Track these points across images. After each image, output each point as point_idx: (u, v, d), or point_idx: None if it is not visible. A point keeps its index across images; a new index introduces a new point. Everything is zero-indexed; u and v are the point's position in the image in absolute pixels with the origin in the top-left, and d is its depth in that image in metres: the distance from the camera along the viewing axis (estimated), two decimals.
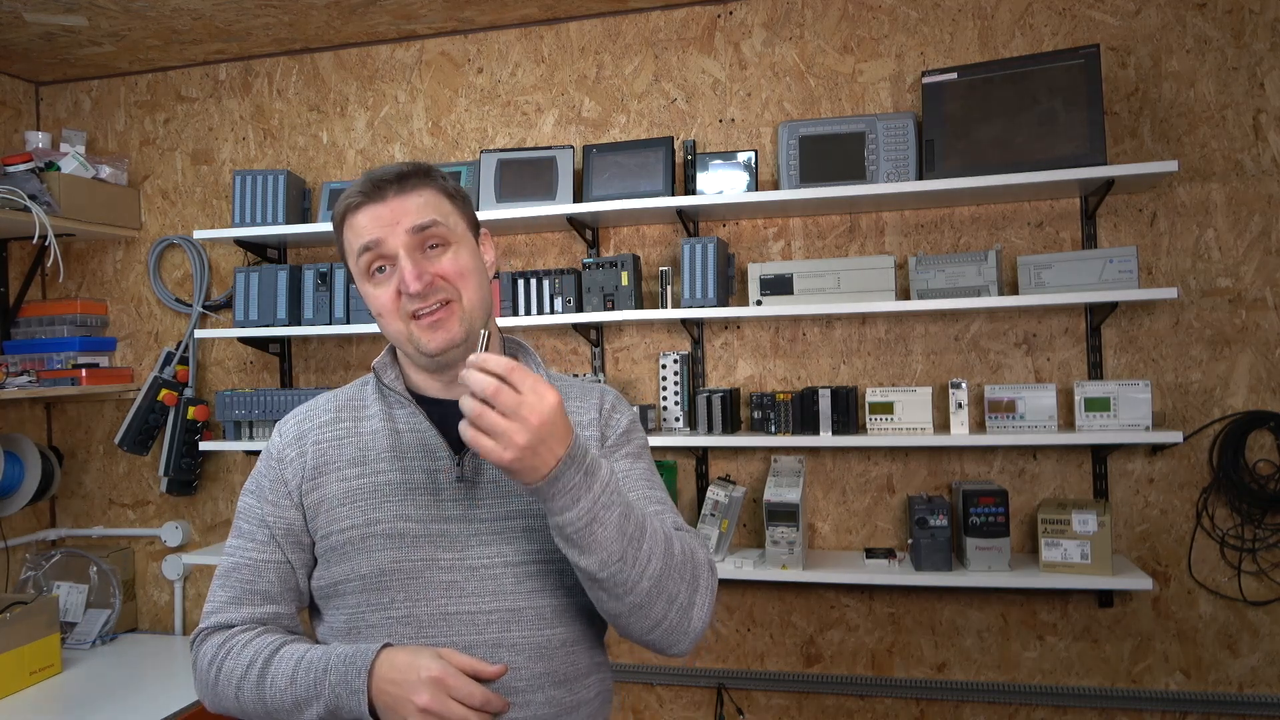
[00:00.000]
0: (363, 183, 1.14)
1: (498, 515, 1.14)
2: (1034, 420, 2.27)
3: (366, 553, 1.13)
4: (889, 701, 2.48)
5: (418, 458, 1.16)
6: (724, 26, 2.60)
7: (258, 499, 1.20)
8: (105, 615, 2.80)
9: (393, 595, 1.12)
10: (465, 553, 1.13)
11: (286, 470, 1.19)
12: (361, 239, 1.12)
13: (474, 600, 1.12)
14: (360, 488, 1.16)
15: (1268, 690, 2.26)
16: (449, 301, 1.12)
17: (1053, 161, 2.20)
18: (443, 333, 1.12)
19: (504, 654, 1.11)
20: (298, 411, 1.26)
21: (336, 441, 1.19)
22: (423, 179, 1.15)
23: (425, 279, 1.10)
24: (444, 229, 1.13)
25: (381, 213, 1.12)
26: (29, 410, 3.02)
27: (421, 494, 1.14)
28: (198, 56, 2.92)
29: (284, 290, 2.65)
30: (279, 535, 1.18)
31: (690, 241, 2.40)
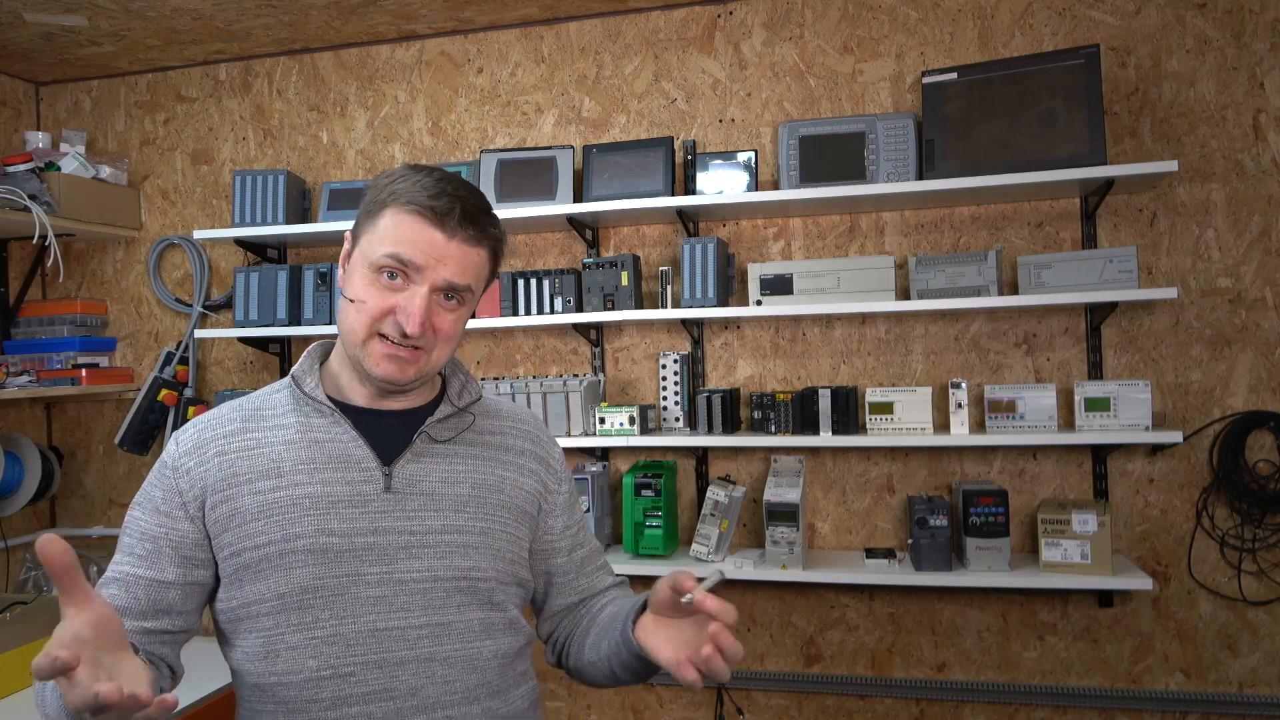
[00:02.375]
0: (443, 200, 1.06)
1: (431, 529, 1.11)
2: (1034, 420, 2.27)
3: (285, 570, 1.06)
4: (889, 701, 2.48)
5: (339, 469, 1.11)
6: (724, 26, 2.60)
7: (143, 511, 1.11)
8: None
9: (316, 614, 1.06)
10: (394, 566, 1.09)
11: (183, 481, 1.11)
12: (402, 251, 1.05)
13: (403, 615, 1.08)
14: (276, 501, 1.08)
15: (1268, 690, 2.26)
16: (420, 350, 1.09)
17: (1053, 161, 2.20)
18: (395, 369, 1.08)
19: (436, 668, 1.09)
20: (198, 420, 1.17)
21: (246, 452, 1.11)
22: (490, 238, 1.11)
23: (425, 328, 1.07)
24: (469, 295, 1.11)
25: (437, 244, 1.06)
26: (29, 410, 3.02)
27: (345, 506, 1.09)
28: (198, 56, 2.92)
29: (284, 290, 2.65)
30: (165, 549, 1.09)
31: (690, 241, 2.40)
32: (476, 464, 1.18)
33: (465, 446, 1.19)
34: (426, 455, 1.15)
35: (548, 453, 1.27)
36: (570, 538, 1.27)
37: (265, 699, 1.10)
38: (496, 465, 1.19)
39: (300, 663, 1.07)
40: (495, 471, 1.19)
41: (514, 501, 1.19)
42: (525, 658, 1.24)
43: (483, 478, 1.17)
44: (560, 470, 1.28)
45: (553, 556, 1.26)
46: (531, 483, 1.22)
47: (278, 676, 1.08)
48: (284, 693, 1.08)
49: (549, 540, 1.25)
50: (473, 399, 1.21)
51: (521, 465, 1.22)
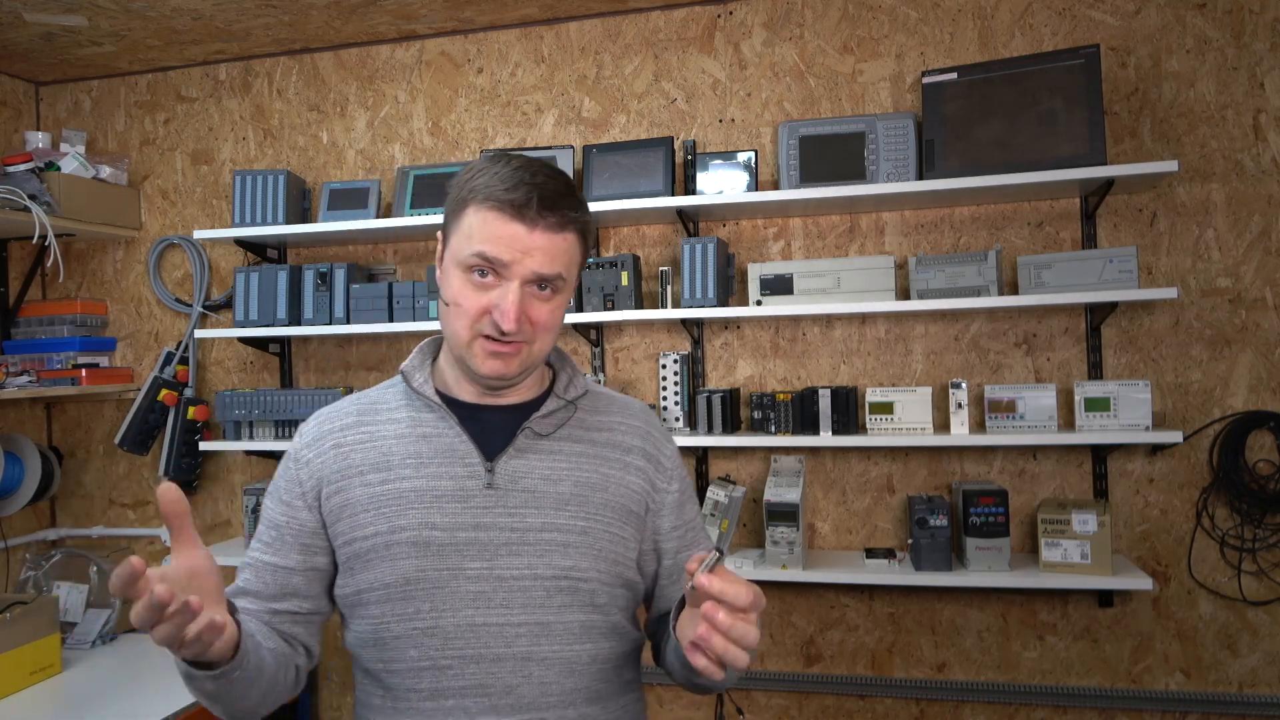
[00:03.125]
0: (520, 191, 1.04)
1: (531, 526, 1.11)
2: (1034, 420, 2.27)
3: (390, 561, 1.10)
4: (889, 701, 2.47)
5: (445, 463, 1.12)
6: (724, 26, 2.60)
7: (273, 500, 1.18)
8: (105, 615, 2.80)
9: (418, 605, 1.09)
10: (494, 562, 1.09)
11: (303, 472, 1.16)
12: (487, 248, 1.05)
13: (502, 612, 1.09)
14: (384, 494, 1.12)
15: (1268, 690, 2.26)
16: (522, 344, 1.08)
17: (1053, 161, 2.20)
18: (500, 364, 1.08)
19: (533, 668, 1.09)
20: (320, 413, 1.22)
21: (358, 446, 1.16)
22: (575, 224, 1.09)
23: (521, 322, 1.05)
24: (561, 283, 1.09)
25: (520, 237, 1.04)
26: (29, 410, 3.02)
27: (449, 501, 1.11)
28: (198, 56, 2.92)
29: (284, 290, 2.65)
30: (288, 537, 1.15)
31: (690, 241, 2.40)
32: (581, 461, 1.16)
33: (571, 443, 1.17)
34: (530, 451, 1.14)
35: (659, 449, 1.23)
36: (677, 539, 1.22)
37: (374, 684, 1.14)
38: (602, 463, 1.17)
39: (403, 652, 1.09)
40: (600, 469, 1.16)
41: (619, 501, 1.16)
42: (631, 665, 1.21)
43: (587, 475, 1.15)
44: (671, 468, 1.23)
45: (660, 558, 1.22)
46: (639, 481, 1.19)
47: (384, 664, 1.11)
48: (389, 679, 1.11)
49: (656, 540, 1.21)
50: (579, 393, 1.19)
51: (629, 463, 1.19)
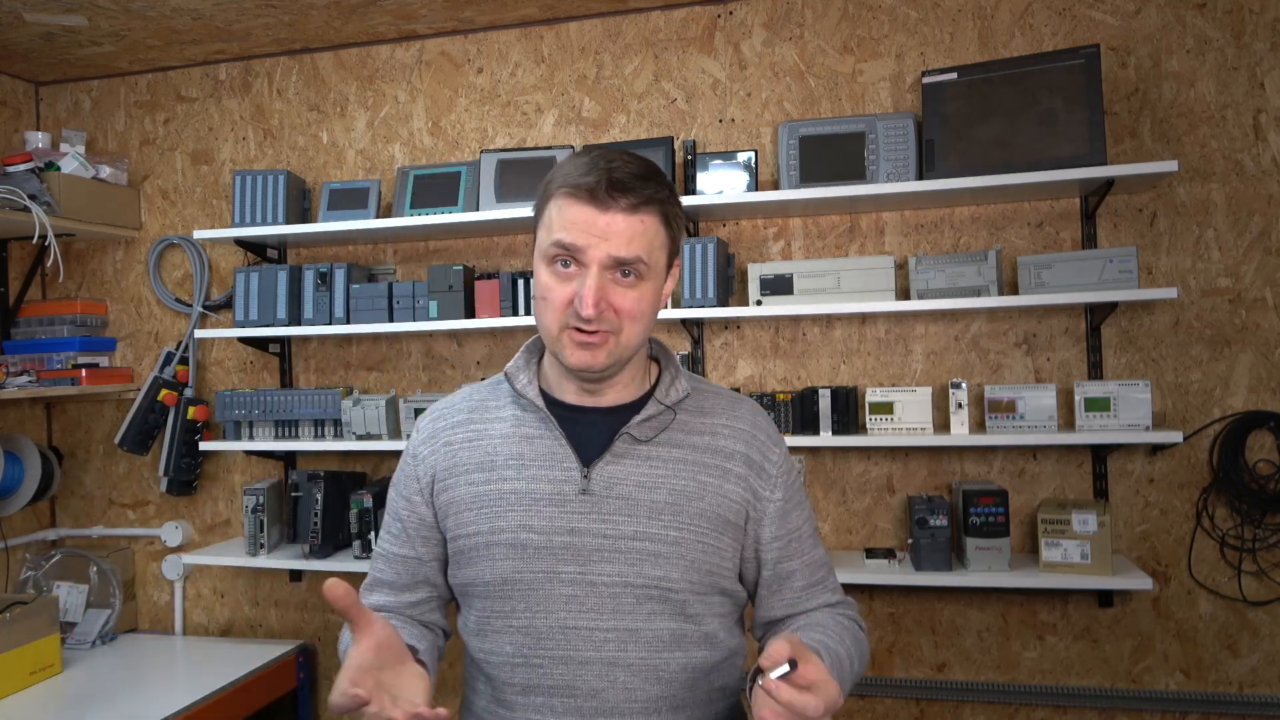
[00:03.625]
0: (593, 174, 1.04)
1: (624, 534, 1.10)
2: (1034, 420, 2.27)
3: (490, 560, 1.13)
4: (889, 701, 2.47)
5: (544, 466, 1.13)
6: (724, 26, 2.60)
7: (396, 493, 1.23)
8: (105, 615, 2.80)
9: (514, 604, 1.12)
10: (587, 567, 1.10)
11: (419, 468, 1.20)
12: (563, 235, 1.05)
13: (593, 616, 1.10)
14: (486, 494, 1.14)
15: (1268, 690, 2.26)
16: (608, 333, 1.07)
17: (1053, 161, 2.20)
18: (587, 355, 1.07)
19: (619, 673, 1.09)
20: (435, 408, 1.25)
21: (466, 444, 1.18)
22: (654, 204, 1.07)
23: (601, 307, 1.04)
24: (643, 266, 1.06)
25: (596, 222, 1.04)
26: (29, 410, 3.02)
27: (545, 505, 1.11)
28: (198, 56, 2.92)
29: (284, 290, 2.65)
30: (411, 530, 1.20)
31: (690, 241, 2.40)
32: (678, 468, 1.14)
33: (670, 448, 1.15)
34: (627, 457, 1.13)
35: (764, 456, 1.18)
36: (778, 549, 1.18)
37: (477, 672, 1.19)
38: (700, 470, 1.14)
39: (500, 646, 1.13)
40: (697, 477, 1.14)
41: (714, 510, 1.13)
42: (727, 673, 1.19)
43: (683, 484, 1.13)
44: (776, 475, 1.18)
45: (760, 568, 1.19)
46: (739, 490, 1.15)
47: (484, 654, 1.16)
48: (488, 669, 1.16)
49: (757, 549, 1.18)
50: (679, 397, 1.16)
51: (729, 470, 1.15)
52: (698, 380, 1.24)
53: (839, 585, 1.25)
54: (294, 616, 2.90)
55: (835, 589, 1.24)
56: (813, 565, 1.21)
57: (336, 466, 2.83)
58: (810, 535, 1.22)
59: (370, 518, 2.53)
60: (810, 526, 1.23)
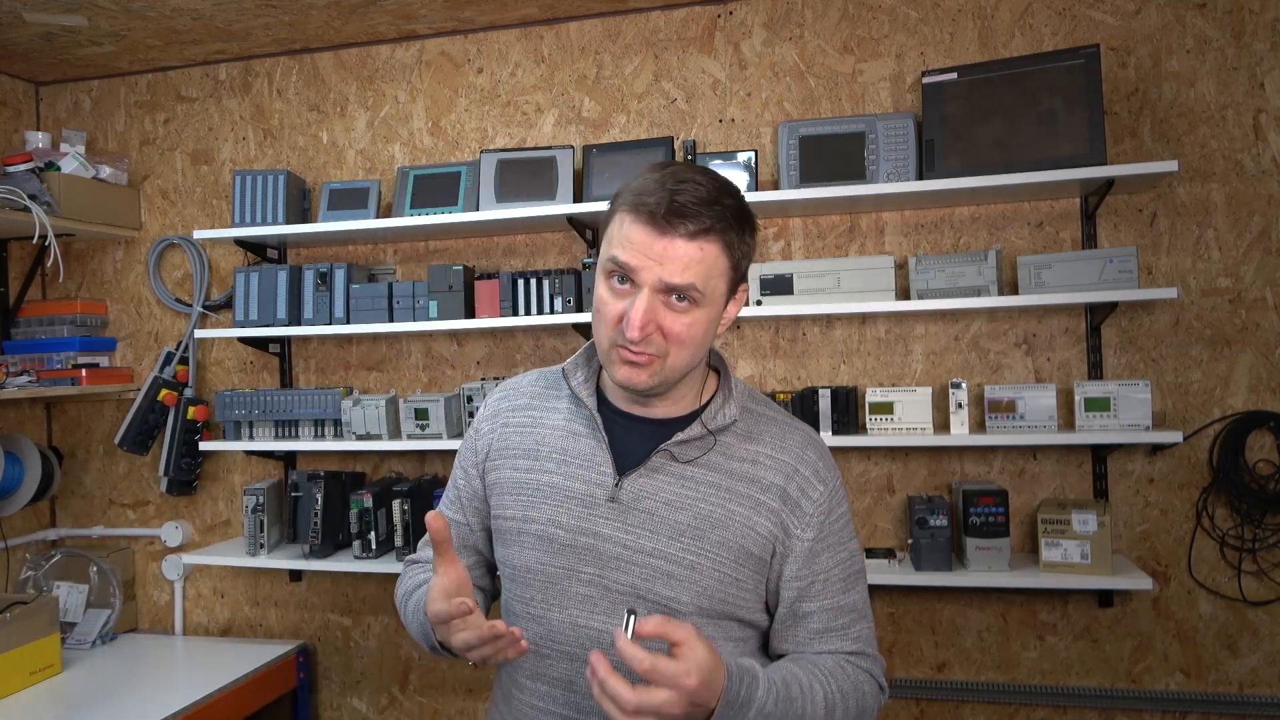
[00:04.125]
0: (656, 195, 1.03)
1: (643, 549, 1.11)
2: (1034, 420, 2.27)
3: (520, 546, 1.17)
4: (889, 702, 2.47)
5: (583, 466, 1.16)
6: (724, 26, 2.60)
7: (459, 461, 1.29)
8: (105, 615, 2.80)
9: (533, 593, 1.16)
10: (605, 572, 1.12)
11: (479, 441, 1.26)
12: (620, 253, 1.05)
13: (604, 619, 1.11)
14: (526, 482, 1.18)
15: (1268, 690, 2.26)
16: (654, 357, 1.07)
17: (1053, 161, 2.20)
18: (630, 373, 1.08)
19: (629, 679, 1.06)
20: (505, 386, 1.31)
21: (520, 429, 1.23)
22: (716, 233, 1.04)
23: (648, 330, 1.04)
24: (698, 295, 1.05)
25: (654, 246, 1.03)
26: (29, 410, 3.02)
27: (576, 504, 1.14)
28: (198, 56, 2.92)
29: (284, 290, 2.65)
30: (465, 498, 1.27)
31: None
32: (709, 491, 1.12)
33: (706, 470, 1.13)
34: (661, 472, 1.13)
35: (802, 492, 1.14)
36: (797, 589, 1.14)
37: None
38: (731, 498, 1.12)
39: (519, 627, 1.12)
40: (726, 505, 1.12)
41: (737, 540, 1.11)
42: None
43: (710, 509, 1.11)
44: (812, 514, 1.14)
45: (776, 604, 1.16)
46: (768, 524, 1.13)
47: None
48: None
49: (776, 584, 1.15)
50: (725, 423, 1.15)
51: (761, 502, 1.13)
52: (757, 401, 1.21)
53: (871, 638, 1.18)
54: (294, 616, 2.90)
55: (860, 640, 1.16)
56: (836, 611, 1.15)
57: (336, 466, 2.83)
58: (840, 580, 1.16)
59: (370, 518, 2.53)
60: (843, 571, 1.16)
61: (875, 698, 1.14)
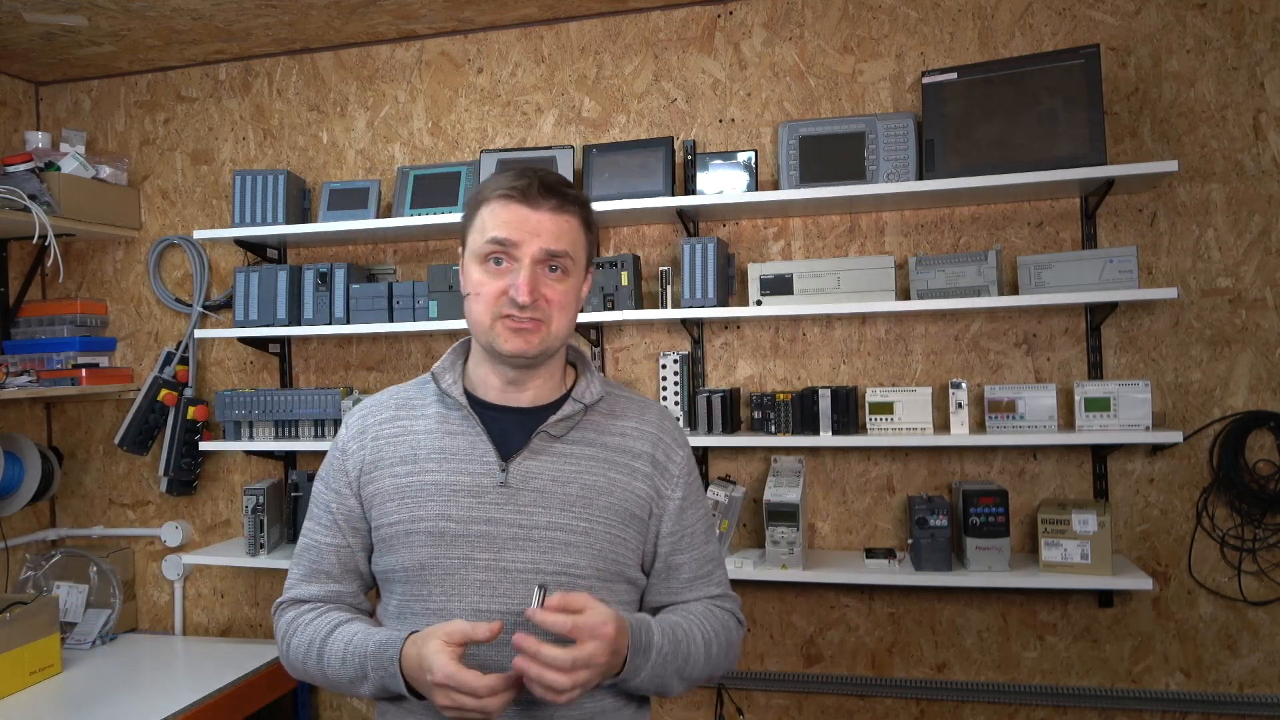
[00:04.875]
0: (524, 179, 1.17)
1: (537, 524, 1.19)
2: (1034, 420, 2.27)
3: (409, 547, 1.20)
4: (889, 701, 2.48)
5: (465, 460, 1.21)
6: (724, 26, 2.60)
7: (324, 486, 1.29)
8: (105, 615, 2.80)
9: (430, 589, 1.19)
10: (501, 554, 1.18)
11: (348, 461, 1.27)
12: (499, 232, 1.16)
13: (504, 600, 1.17)
14: (408, 485, 1.22)
15: (1268, 690, 2.26)
16: (539, 321, 1.17)
17: (1053, 161, 2.20)
18: (521, 342, 1.17)
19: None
20: (364, 405, 1.33)
21: (392, 439, 1.26)
22: (576, 206, 1.20)
23: (535, 296, 1.15)
24: (569, 261, 1.19)
25: (529, 218, 1.16)
26: (29, 410, 3.02)
27: (464, 496, 1.20)
28: (198, 56, 2.92)
29: (284, 290, 2.65)
30: (340, 520, 1.27)
31: (690, 241, 2.40)
32: (590, 465, 1.24)
33: (583, 447, 1.25)
34: (544, 453, 1.23)
35: (668, 456, 1.29)
36: (671, 543, 1.29)
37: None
38: (610, 467, 1.24)
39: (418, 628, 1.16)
40: (607, 474, 1.24)
41: (622, 504, 1.23)
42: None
43: (594, 479, 1.23)
44: (678, 474, 1.30)
45: (655, 559, 1.30)
46: (644, 487, 1.26)
47: None
48: None
49: (654, 542, 1.29)
50: (594, 398, 1.26)
51: (636, 469, 1.26)
52: (612, 385, 1.34)
53: (726, 581, 1.36)
54: None
55: (720, 583, 1.34)
56: (701, 560, 1.31)
57: None
58: (703, 532, 1.32)
59: None
60: (704, 524, 1.33)
61: (738, 632, 1.32)
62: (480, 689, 1.04)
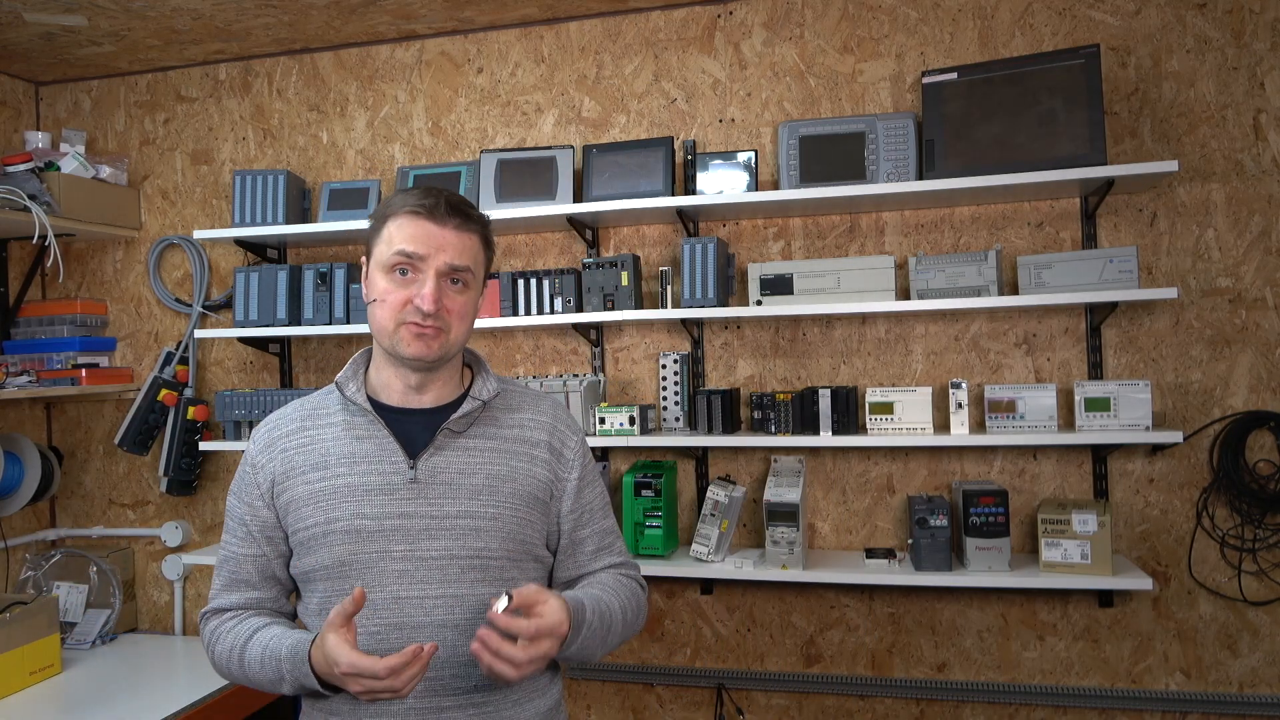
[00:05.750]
0: (430, 198, 1.26)
1: (447, 514, 1.28)
2: (1034, 420, 2.27)
3: (328, 546, 1.27)
4: (889, 701, 2.47)
5: (374, 462, 1.29)
6: (724, 26, 2.60)
7: (237, 500, 1.35)
8: (105, 615, 2.80)
9: (352, 582, 1.26)
10: (416, 545, 1.27)
11: (259, 475, 1.33)
12: (406, 245, 1.24)
13: (422, 586, 1.26)
14: (321, 490, 1.29)
15: (1268, 690, 2.26)
16: (439, 329, 1.26)
17: (1053, 161, 2.20)
18: (422, 346, 1.25)
19: (448, 633, 1.25)
20: (269, 420, 1.39)
21: (301, 449, 1.32)
22: (478, 225, 1.30)
23: (438, 306, 1.24)
24: (470, 276, 1.28)
25: (434, 234, 1.25)
26: (29, 410, 3.02)
27: (377, 494, 1.27)
28: (198, 56, 2.92)
29: (284, 290, 2.65)
30: (255, 531, 1.33)
31: (690, 241, 2.40)
32: (493, 456, 1.33)
33: (485, 440, 1.34)
34: (448, 449, 1.31)
35: (562, 443, 1.40)
36: (573, 520, 1.39)
37: None
38: (511, 457, 1.34)
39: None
40: (509, 463, 1.33)
41: (526, 490, 1.33)
42: None
43: (497, 469, 1.32)
44: (572, 458, 1.40)
45: (559, 536, 1.40)
46: (544, 472, 1.36)
47: None
48: None
49: (557, 522, 1.39)
50: (491, 394, 1.35)
51: (535, 456, 1.36)
52: (507, 381, 1.44)
53: (625, 549, 1.48)
54: None
55: (620, 552, 1.46)
56: (601, 533, 1.43)
57: None
58: (601, 508, 1.44)
59: None
60: (601, 501, 1.44)
61: (643, 595, 1.45)
62: (381, 670, 1.09)
